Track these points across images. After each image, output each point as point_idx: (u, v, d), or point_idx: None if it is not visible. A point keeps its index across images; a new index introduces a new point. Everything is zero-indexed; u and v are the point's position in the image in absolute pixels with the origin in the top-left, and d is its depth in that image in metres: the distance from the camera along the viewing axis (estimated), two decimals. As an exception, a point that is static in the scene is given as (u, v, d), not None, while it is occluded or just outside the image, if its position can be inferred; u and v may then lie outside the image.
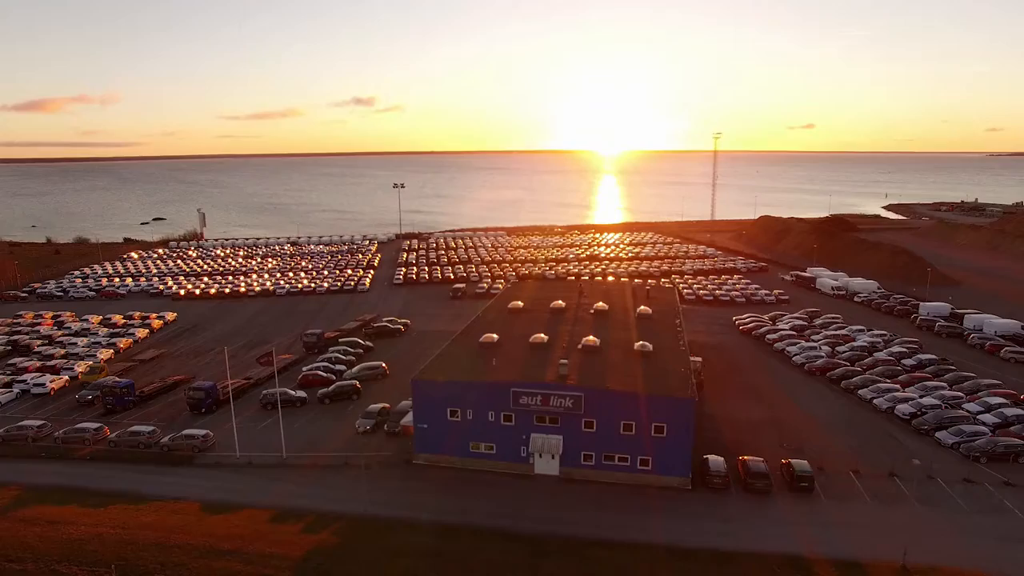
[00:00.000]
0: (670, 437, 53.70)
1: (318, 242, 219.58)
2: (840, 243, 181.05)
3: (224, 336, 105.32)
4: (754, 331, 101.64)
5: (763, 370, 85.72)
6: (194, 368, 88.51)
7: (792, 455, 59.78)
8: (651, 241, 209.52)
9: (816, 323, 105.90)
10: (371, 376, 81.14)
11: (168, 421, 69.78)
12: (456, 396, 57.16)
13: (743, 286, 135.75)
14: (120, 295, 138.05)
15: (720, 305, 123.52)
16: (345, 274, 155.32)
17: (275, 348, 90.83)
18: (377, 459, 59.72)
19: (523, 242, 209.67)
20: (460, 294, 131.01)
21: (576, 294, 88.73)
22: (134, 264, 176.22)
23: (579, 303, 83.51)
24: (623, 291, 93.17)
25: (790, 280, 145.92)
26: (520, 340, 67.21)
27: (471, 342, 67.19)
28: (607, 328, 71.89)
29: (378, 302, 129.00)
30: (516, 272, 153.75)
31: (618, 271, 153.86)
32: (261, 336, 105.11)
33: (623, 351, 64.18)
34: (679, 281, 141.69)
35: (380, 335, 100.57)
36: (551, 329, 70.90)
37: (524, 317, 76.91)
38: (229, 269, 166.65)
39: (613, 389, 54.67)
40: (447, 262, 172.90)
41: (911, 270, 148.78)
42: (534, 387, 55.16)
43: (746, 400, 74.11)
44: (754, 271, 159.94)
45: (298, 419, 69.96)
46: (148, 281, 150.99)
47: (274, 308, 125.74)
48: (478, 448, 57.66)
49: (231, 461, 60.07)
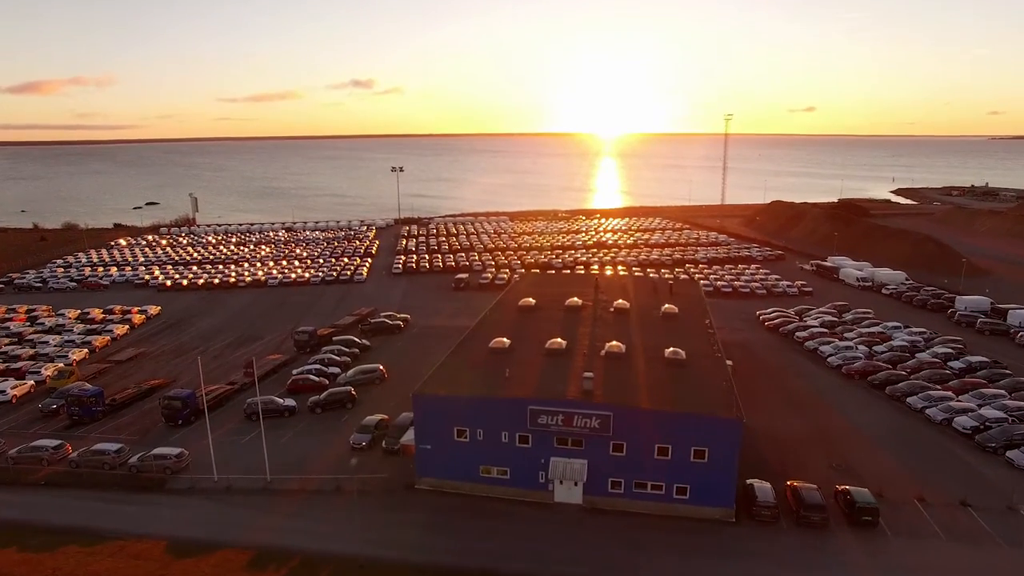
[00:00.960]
0: (712, 463, 46.48)
1: (314, 228, 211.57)
2: (858, 230, 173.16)
3: (210, 332, 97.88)
4: (781, 327, 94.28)
5: (796, 373, 78.44)
6: (175, 370, 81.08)
7: (844, 477, 52.71)
8: (659, 227, 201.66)
9: (846, 318, 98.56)
10: (368, 381, 73.83)
11: (141, 434, 62.45)
12: (464, 413, 49.85)
13: (763, 276, 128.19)
14: (103, 286, 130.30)
15: (740, 297, 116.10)
16: (341, 263, 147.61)
17: (256, 357, 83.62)
18: (374, 483, 52.58)
19: (527, 227, 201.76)
20: (463, 285, 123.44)
21: (592, 289, 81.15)
22: (121, 252, 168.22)
23: (596, 300, 75.96)
24: (643, 286, 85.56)
25: (810, 270, 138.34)
26: (535, 345, 59.75)
27: (479, 347, 59.75)
28: (630, 330, 64.44)
29: (376, 294, 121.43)
30: (521, 260, 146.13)
31: (627, 259, 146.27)
32: (250, 332, 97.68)
33: (652, 359, 56.75)
34: (693, 271, 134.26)
35: (378, 332, 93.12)
36: (568, 332, 63.42)
37: (537, 317, 69.41)
38: (220, 257, 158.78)
39: (647, 408, 47.30)
40: (448, 249, 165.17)
41: (937, 260, 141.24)
42: (555, 405, 47.81)
43: (783, 409, 66.91)
44: (770, 259, 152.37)
45: (286, 432, 62.74)
46: (134, 271, 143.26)
47: (265, 300, 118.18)
48: (489, 472, 50.47)
49: (208, 485, 52.80)
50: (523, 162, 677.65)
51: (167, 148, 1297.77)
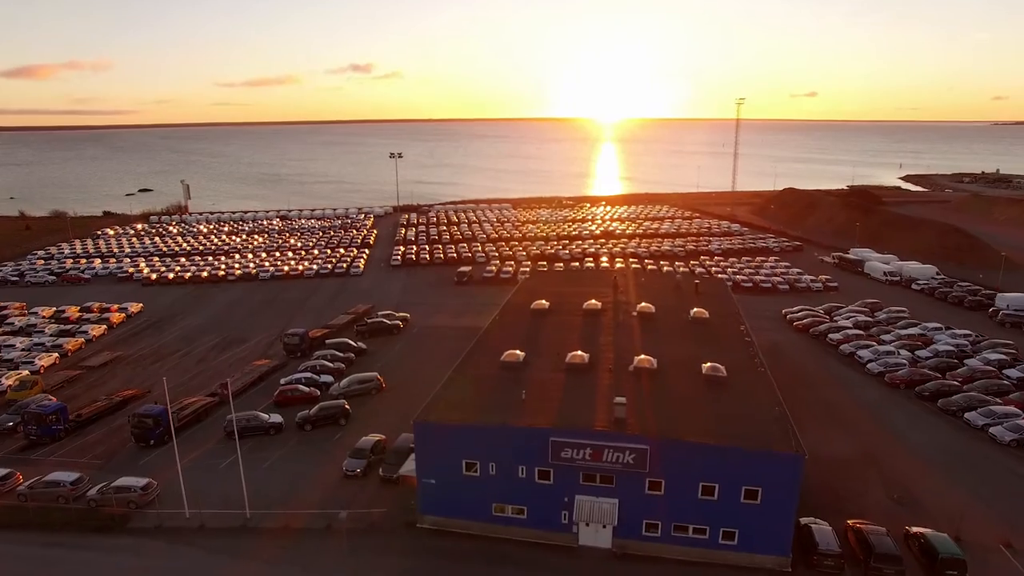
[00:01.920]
0: (766, 504, 39.52)
1: (310, 216, 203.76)
2: (877, 220, 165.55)
3: (194, 333, 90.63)
4: (811, 328, 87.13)
5: (833, 381, 71.36)
6: (152, 378, 73.77)
7: (909, 513, 45.81)
8: (669, 215, 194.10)
9: (879, 318, 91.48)
10: (363, 392, 66.79)
11: (106, 458, 55.44)
12: (474, 444, 42.79)
13: (783, 270, 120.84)
14: (84, 280, 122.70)
15: (761, 293, 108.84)
16: (337, 254, 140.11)
17: (241, 362, 76.59)
18: (370, 520, 45.64)
19: (531, 216, 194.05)
20: (466, 279, 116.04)
21: (610, 288, 73.89)
22: (107, 242, 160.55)
23: (616, 301, 68.72)
24: (665, 284, 78.21)
25: (832, 263, 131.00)
26: (552, 359, 52.56)
27: (488, 361, 52.54)
28: (659, 339, 57.25)
29: (373, 288, 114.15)
30: (527, 251, 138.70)
31: (639, 251, 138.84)
32: (237, 333, 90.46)
33: (688, 375, 49.60)
34: (709, 263, 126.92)
35: (375, 333, 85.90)
36: (589, 341, 56.23)
37: (552, 323, 62.16)
38: (210, 248, 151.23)
39: (690, 440, 40.19)
40: (449, 240, 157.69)
41: (966, 252, 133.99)
42: (582, 437, 40.72)
43: (824, 425, 59.90)
44: (788, 251, 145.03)
45: (270, 454, 55.73)
46: (119, 263, 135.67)
47: (256, 295, 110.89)
48: (504, 511, 43.51)
49: (177, 523, 45.82)
50: (524, 147, 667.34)
51: (164, 134, 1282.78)
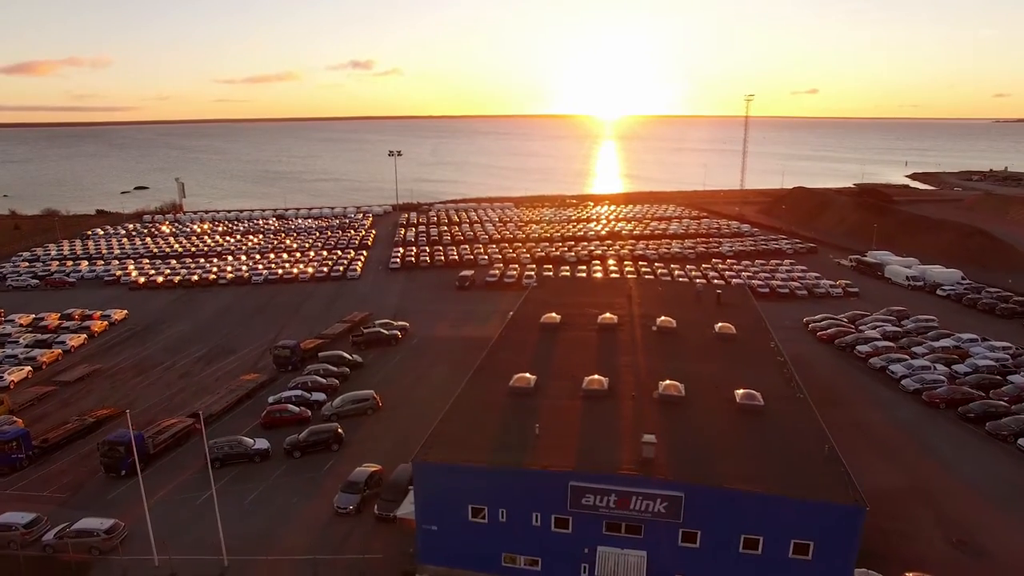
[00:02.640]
0: (819, 561, 34.16)
1: (307, 215, 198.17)
2: (892, 220, 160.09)
3: (179, 343, 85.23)
4: (836, 339, 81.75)
5: (865, 399, 66.01)
6: (131, 394, 68.62)
7: (975, 563, 40.52)
8: (676, 215, 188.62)
9: (907, 327, 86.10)
10: (358, 412, 61.48)
11: (72, 490, 50.13)
12: (482, 488, 37.45)
13: (800, 274, 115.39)
14: (69, 284, 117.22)
15: (778, 299, 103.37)
16: (334, 256, 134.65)
17: (228, 377, 71.16)
18: (361, 569, 40.35)
19: (534, 215, 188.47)
20: (468, 283, 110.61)
21: (625, 299, 68.48)
22: (96, 243, 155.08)
23: (632, 314, 63.33)
24: (684, 295, 72.67)
25: (849, 266, 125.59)
26: (567, 382, 47.16)
27: (496, 386, 47.11)
28: (683, 359, 51.84)
29: (370, 293, 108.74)
30: (531, 254, 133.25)
31: (647, 252, 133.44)
32: (226, 342, 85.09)
33: (720, 404, 44.23)
34: (722, 267, 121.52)
35: (372, 344, 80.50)
36: (607, 362, 50.82)
37: (564, 340, 56.74)
38: (202, 249, 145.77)
39: (732, 487, 34.82)
40: (450, 240, 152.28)
41: (988, 254, 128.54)
42: (606, 482, 35.37)
43: (864, 452, 54.45)
44: (802, 253, 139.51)
45: (254, 485, 50.42)
46: (106, 265, 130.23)
47: (247, 301, 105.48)
48: (515, 562, 38.18)
49: (145, 573, 40.51)
50: (526, 144, 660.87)
51: (163, 130, 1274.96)
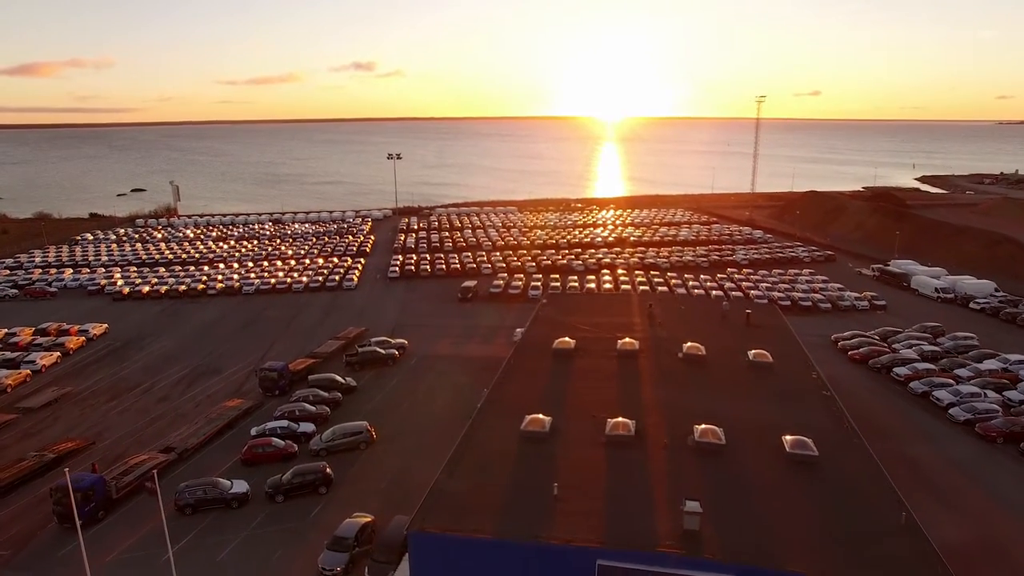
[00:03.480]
0: (901, 662, 28.04)
1: (304, 219, 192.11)
2: (911, 226, 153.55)
3: (160, 361, 79.14)
4: (870, 359, 75.52)
5: (912, 432, 59.72)
6: (102, 423, 62.54)
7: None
8: (685, 220, 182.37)
9: (944, 344, 79.86)
10: (350, 446, 55.39)
11: (19, 545, 44.06)
12: (492, 564, 31.31)
13: (822, 285, 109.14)
14: (50, 294, 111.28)
15: (800, 312, 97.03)
16: (330, 264, 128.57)
17: (208, 403, 64.32)
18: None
19: (538, 220, 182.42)
20: (471, 295, 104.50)
21: (644, 318, 62.38)
22: (84, 249, 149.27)
23: (654, 337, 57.17)
24: (708, 313, 66.51)
25: (871, 275, 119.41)
26: (586, 425, 41.04)
27: (505, 427, 41.00)
28: (717, 394, 45.71)
29: (367, 306, 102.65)
30: (536, 262, 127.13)
31: (658, 261, 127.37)
32: (210, 361, 79.01)
33: (767, 454, 38.05)
34: (738, 276, 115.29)
35: (367, 364, 74.40)
36: (631, 398, 44.71)
37: (581, 369, 50.59)
38: (193, 257, 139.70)
39: (797, 572, 28.62)
40: (452, 247, 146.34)
41: (1019, 264, 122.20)
42: (643, 561, 29.24)
43: (922, 497, 48.00)
44: (819, 261, 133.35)
45: (229, 537, 44.34)
46: (92, 273, 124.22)
47: (236, 314, 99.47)
48: (529, 653, 32.10)
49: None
50: (529, 146, 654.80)
51: (165, 132, 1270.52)
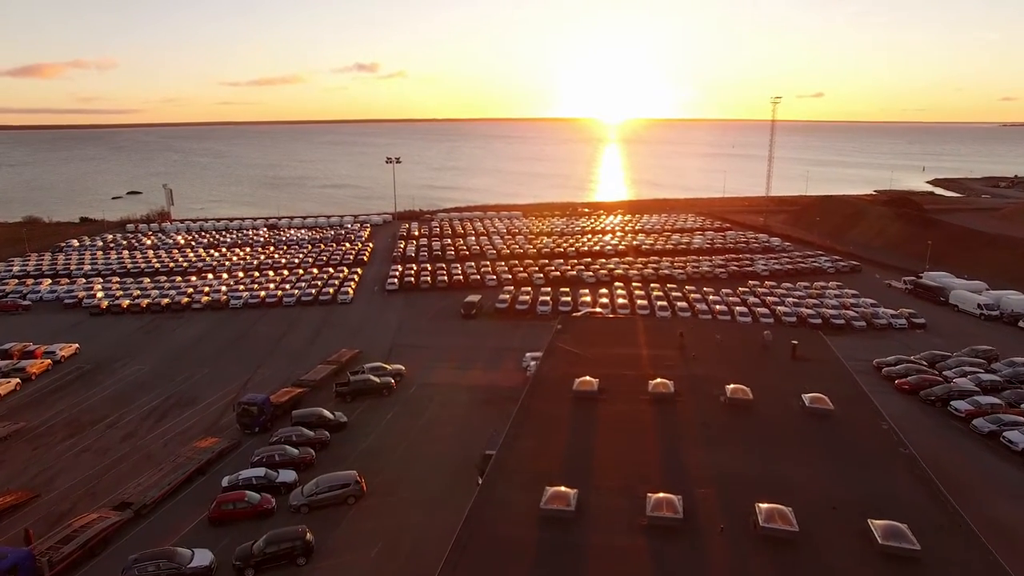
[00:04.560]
0: None
1: (301, 224, 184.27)
2: (940, 234, 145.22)
3: (131, 389, 71.33)
4: (920, 389, 67.58)
5: (989, 484, 51.26)
6: (55, 467, 54.73)
7: None
8: (698, 227, 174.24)
9: (1001, 371, 71.84)
10: (336, 500, 47.60)
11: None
12: None
13: (853, 300, 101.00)
14: (23, 307, 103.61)
15: (833, 332, 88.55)
16: (325, 275, 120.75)
17: (178, 442, 55.62)
18: None
19: (544, 226, 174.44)
20: (475, 311, 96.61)
21: (676, 349, 54.47)
22: (68, 256, 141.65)
23: (691, 376, 49.26)
24: (748, 345, 58.27)
25: (903, 289, 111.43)
26: (622, 501, 33.16)
27: (520, 505, 33.15)
28: (774, 454, 37.81)
29: (363, 323, 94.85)
30: (544, 272, 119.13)
31: (674, 272, 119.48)
32: (187, 389, 71.20)
33: (854, 546, 30.10)
34: (761, 290, 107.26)
35: (360, 394, 66.64)
36: (672, 460, 36.82)
37: (608, 419, 42.67)
38: (181, 265, 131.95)
39: None
40: (455, 256, 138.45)
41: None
42: None
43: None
44: (844, 272, 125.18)
45: (185, 629, 36.63)
46: (71, 284, 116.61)
47: (222, 330, 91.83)
48: None
49: None
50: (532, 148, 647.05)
51: (168, 133, 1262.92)
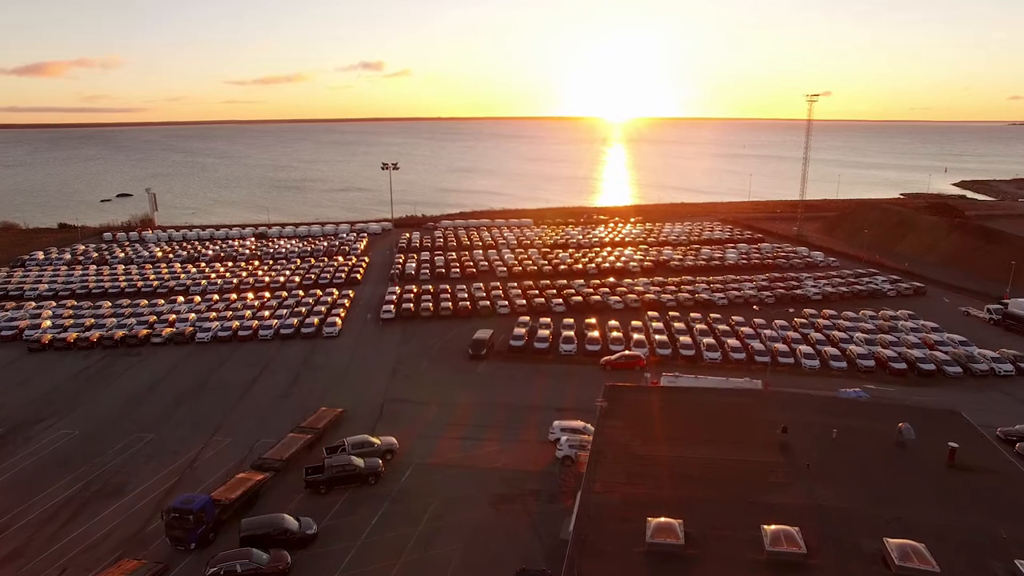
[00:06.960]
0: None
1: (292, 234, 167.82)
2: (1004, 249, 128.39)
3: (49, 465, 55.31)
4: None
5: None
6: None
7: None
8: (727, 237, 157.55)
9: None
10: None
11: None
12: None
13: (938, 337, 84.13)
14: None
15: (921, 381, 72.93)
16: (311, 299, 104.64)
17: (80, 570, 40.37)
18: None
19: (558, 236, 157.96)
20: (485, 351, 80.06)
21: (780, 454, 38.10)
22: (27, 272, 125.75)
23: (818, 511, 32.95)
24: (877, 443, 41.37)
25: (985, 318, 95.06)
26: None
27: None
28: None
29: (349, 365, 78.61)
30: (564, 297, 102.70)
31: (714, 296, 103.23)
32: (115, 470, 54.95)
33: None
34: (823, 322, 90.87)
35: (336, 483, 50.54)
36: None
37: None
38: (150, 284, 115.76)
39: None
40: (460, 274, 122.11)
41: None
42: None
43: None
44: (907, 295, 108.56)
45: None
46: (17, 309, 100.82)
47: (181, 374, 75.91)
48: None
49: None
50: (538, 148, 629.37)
51: (171, 132, 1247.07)
